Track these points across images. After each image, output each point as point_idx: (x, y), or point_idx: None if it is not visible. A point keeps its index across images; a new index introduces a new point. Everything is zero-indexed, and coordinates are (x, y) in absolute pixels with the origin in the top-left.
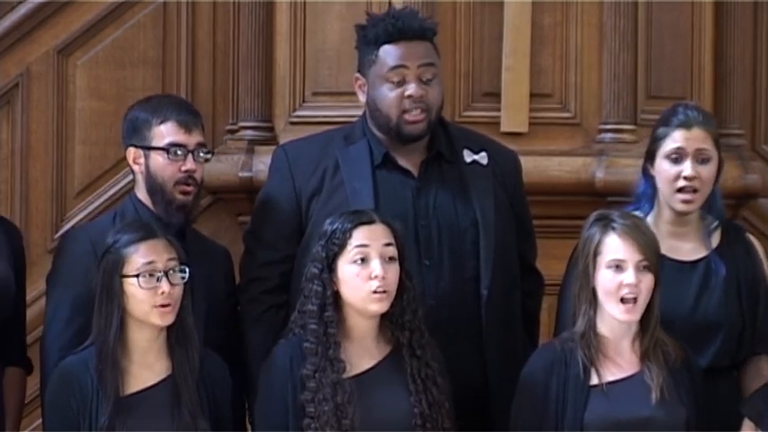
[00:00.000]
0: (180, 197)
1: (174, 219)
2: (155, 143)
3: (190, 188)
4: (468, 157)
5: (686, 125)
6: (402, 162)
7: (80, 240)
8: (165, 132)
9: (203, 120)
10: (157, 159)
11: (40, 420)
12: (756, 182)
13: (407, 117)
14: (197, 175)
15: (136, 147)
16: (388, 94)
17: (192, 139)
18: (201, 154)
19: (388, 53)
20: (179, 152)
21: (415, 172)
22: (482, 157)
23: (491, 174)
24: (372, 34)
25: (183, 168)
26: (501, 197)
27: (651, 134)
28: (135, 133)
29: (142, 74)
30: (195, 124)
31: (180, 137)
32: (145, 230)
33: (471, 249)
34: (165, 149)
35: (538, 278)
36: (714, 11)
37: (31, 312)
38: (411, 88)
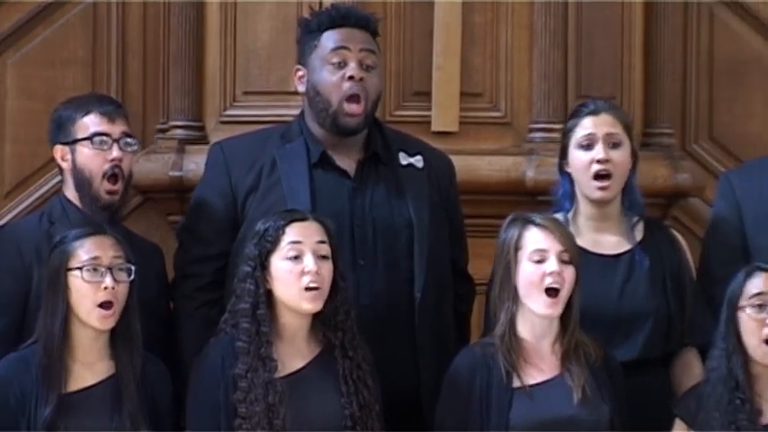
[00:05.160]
0: (106, 197)
1: (99, 217)
2: (79, 135)
3: (116, 186)
4: (404, 159)
5: (594, 112)
6: (339, 162)
7: (4, 240)
8: (89, 123)
9: (134, 119)
10: (83, 152)
11: None
12: (687, 181)
13: (346, 108)
14: (124, 165)
15: (62, 144)
16: (330, 78)
17: (117, 129)
18: (127, 143)
19: (330, 37)
20: (104, 141)
21: (351, 172)
22: (417, 161)
23: (426, 177)
24: (315, 22)
25: (110, 158)
26: (435, 200)
27: (562, 131)
28: (60, 131)
29: (72, 73)
30: (118, 114)
31: (104, 126)
32: (92, 227)
33: (405, 251)
34: (90, 139)
35: (469, 283)
36: (644, 10)
37: None
38: (351, 69)
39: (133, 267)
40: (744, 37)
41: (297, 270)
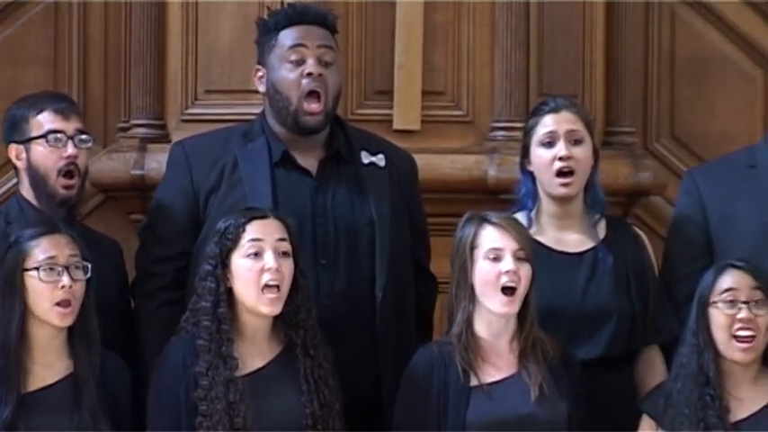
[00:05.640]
0: (62, 191)
1: (56, 214)
2: (34, 134)
3: (72, 181)
4: (366, 158)
5: (555, 110)
6: (300, 161)
7: None
8: (43, 121)
9: (95, 117)
10: (38, 150)
11: None
12: (648, 179)
13: (306, 107)
14: (80, 162)
15: (16, 143)
16: (288, 75)
17: (71, 125)
18: (82, 140)
19: (287, 35)
20: (59, 139)
21: (313, 171)
22: (379, 159)
23: (387, 176)
24: (272, 21)
25: (65, 155)
26: (397, 199)
27: (524, 130)
28: (14, 129)
29: (34, 72)
30: (72, 111)
31: (58, 123)
32: (47, 226)
33: (367, 250)
34: (44, 137)
35: (432, 281)
36: (606, 10)
37: None
38: (310, 65)
39: (90, 265)
40: (705, 35)
41: (257, 267)
